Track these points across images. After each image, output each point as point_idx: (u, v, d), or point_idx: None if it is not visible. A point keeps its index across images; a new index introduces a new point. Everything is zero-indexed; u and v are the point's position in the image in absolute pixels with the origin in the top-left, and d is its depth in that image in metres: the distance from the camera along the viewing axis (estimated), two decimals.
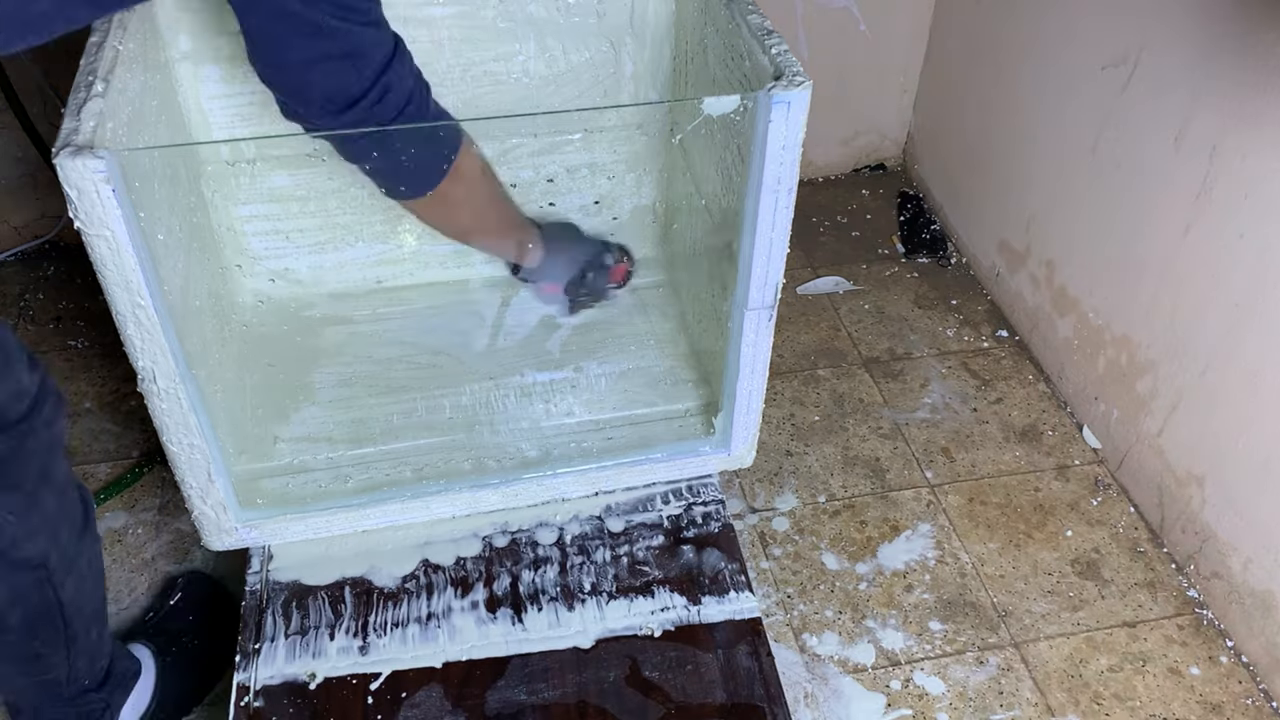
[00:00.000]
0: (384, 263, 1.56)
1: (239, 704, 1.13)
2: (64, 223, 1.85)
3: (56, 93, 1.72)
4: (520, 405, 1.42)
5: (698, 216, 1.41)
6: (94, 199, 0.92)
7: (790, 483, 1.55)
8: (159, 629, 1.29)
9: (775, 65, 1.05)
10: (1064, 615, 1.40)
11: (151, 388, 1.07)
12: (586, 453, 1.36)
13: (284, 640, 1.19)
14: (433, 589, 1.25)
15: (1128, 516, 1.53)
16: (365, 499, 1.27)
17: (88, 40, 1.03)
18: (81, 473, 1.53)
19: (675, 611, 1.24)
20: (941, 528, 1.50)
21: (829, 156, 2.16)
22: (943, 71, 1.99)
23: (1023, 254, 1.78)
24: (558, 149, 1.52)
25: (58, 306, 1.81)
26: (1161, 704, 1.30)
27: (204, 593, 1.36)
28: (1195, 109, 1.34)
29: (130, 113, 1.05)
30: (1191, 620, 1.40)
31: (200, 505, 1.19)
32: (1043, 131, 1.67)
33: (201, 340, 1.24)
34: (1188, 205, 1.37)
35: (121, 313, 1.00)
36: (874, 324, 1.84)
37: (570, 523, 1.33)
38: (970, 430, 1.65)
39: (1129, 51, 1.45)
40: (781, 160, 1.07)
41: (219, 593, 1.37)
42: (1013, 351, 1.79)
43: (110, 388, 1.67)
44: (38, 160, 1.80)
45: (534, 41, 1.42)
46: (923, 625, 1.38)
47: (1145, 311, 1.48)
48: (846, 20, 1.96)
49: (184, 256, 1.20)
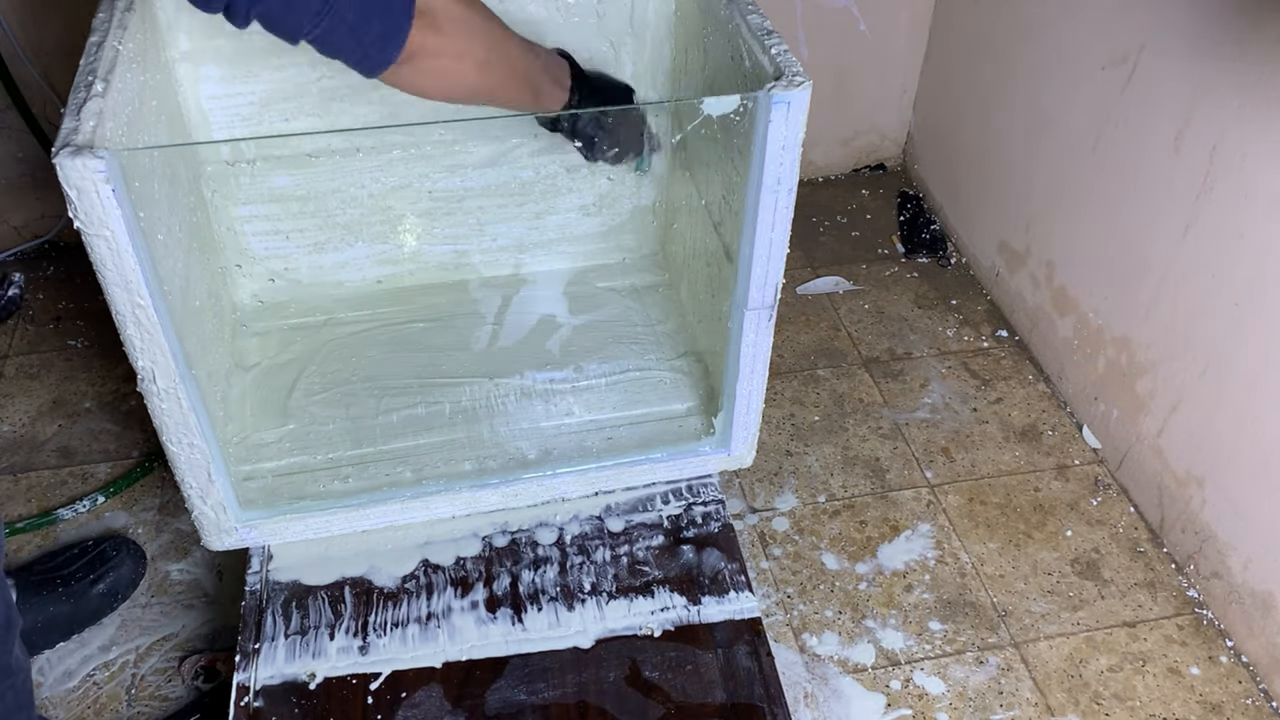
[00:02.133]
0: (384, 263, 1.56)
1: (239, 704, 1.13)
2: (64, 223, 1.85)
3: (56, 93, 1.72)
4: (520, 405, 1.42)
5: (698, 216, 1.41)
6: (94, 199, 0.92)
7: (790, 483, 1.55)
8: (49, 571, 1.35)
9: (775, 65, 1.05)
10: (1064, 615, 1.40)
11: (151, 388, 1.07)
12: (586, 453, 1.36)
13: (284, 640, 1.19)
14: (433, 589, 1.25)
15: (1127, 516, 1.53)
16: (365, 499, 1.27)
17: (88, 40, 1.03)
18: (82, 472, 1.53)
19: (675, 611, 1.24)
20: (941, 528, 1.50)
21: (829, 156, 2.16)
22: (943, 71, 1.99)
23: (1023, 254, 1.78)
24: (558, 149, 1.52)
25: (58, 306, 1.81)
26: (1161, 704, 1.30)
27: (118, 552, 1.40)
28: (1195, 109, 1.34)
29: (130, 113, 1.05)
30: (1191, 620, 1.40)
31: (200, 505, 1.19)
32: (1043, 131, 1.67)
33: (201, 340, 1.24)
34: (1188, 205, 1.37)
35: (121, 313, 1.00)
36: (874, 324, 1.84)
37: (570, 523, 1.33)
38: (970, 430, 1.65)
39: (1129, 51, 1.45)
40: (781, 160, 1.07)
41: (132, 550, 1.42)
42: (1013, 351, 1.79)
43: (110, 388, 1.67)
44: (38, 160, 1.80)
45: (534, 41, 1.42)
46: (923, 625, 1.38)
47: (1145, 311, 1.48)
48: (846, 20, 1.96)
49: (184, 256, 1.20)
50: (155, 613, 1.36)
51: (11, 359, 1.70)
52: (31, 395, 1.64)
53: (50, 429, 1.60)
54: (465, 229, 1.57)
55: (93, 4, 1.10)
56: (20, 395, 1.64)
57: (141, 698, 1.27)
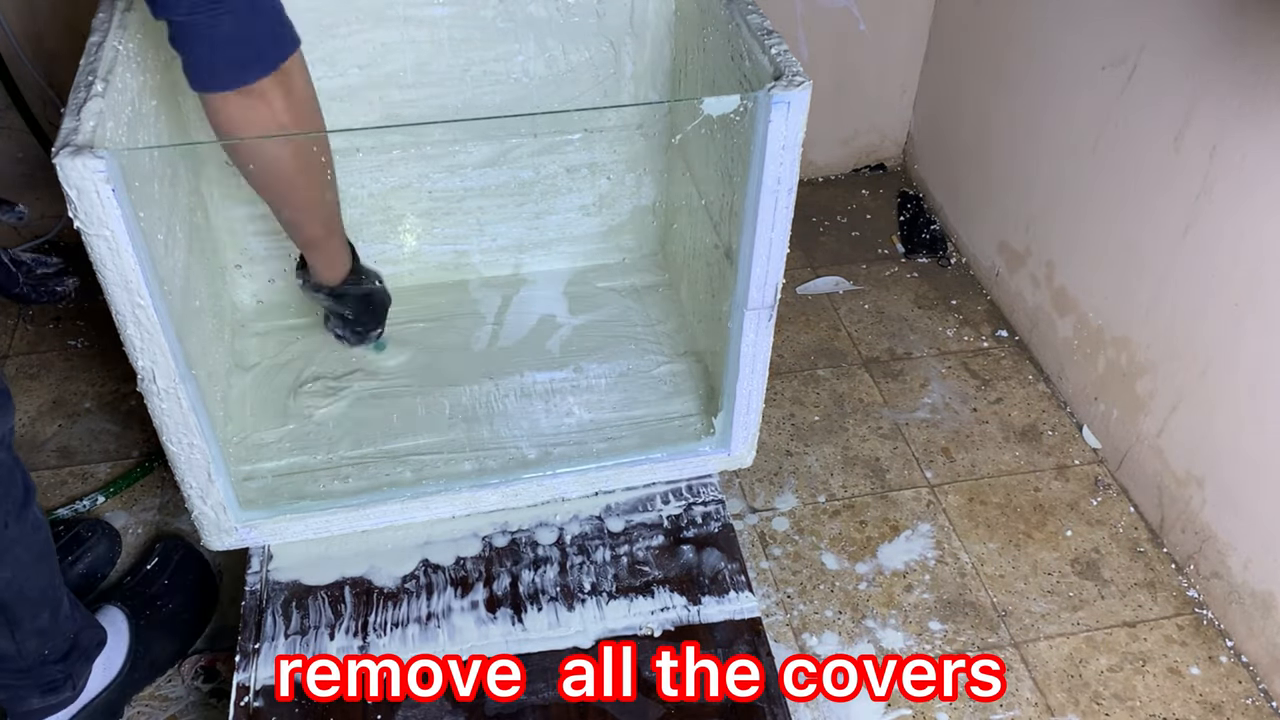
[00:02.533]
0: (384, 263, 1.56)
1: (239, 704, 1.13)
2: (64, 223, 1.85)
3: (56, 93, 1.72)
4: (520, 405, 1.42)
5: (698, 216, 1.41)
6: (94, 199, 0.92)
7: (790, 483, 1.55)
8: (134, 592, 1.30)
9: (775, 65, 1.05)
10: (1064, 615, 1.40)
11: (151, 388, 1.07)
12: (586, 453, 1.36)
13: (284, 640, 1.19)
14: (433, 589, 1.25)
15: (1127, 516, 1.53)
16: (365, 499, 1.27)
17: (88, 40, 1.03)
18: (82, 472, 1.53)
19: (675, 611, 1.24)
20: (941, 528, 1.50)
21: (829, 156, 2.16)
22: (943, 71, 1.99)
23: (1023, 254, 1.78)
24: (558, 149, 1.52)
25: (58, 306, 1.81)
26: (1161, 704, 1.30)
27: (181, 557, 1.37)
28: (1195, 109, 1.34)
29: (130, 113, 1.05)
30: (1191, 620, 1.40)
31: (200, 505, 1.19)
32: (1043, 131, 1.67)
33: (201, 340, 1.24)
34: (1188, 205, 1.37)
35: (121, 313, 1.00)
36: (874, 324, 1.84)
37: (570, 523, 1.33)
38: (970, 430, 1.65)
39: (1129, 51, 1.45)
40: (781, 160, 1.07)
41: (196, 557, 1.38)
42: (1012, 351, 1.79)
43: (110, 388, 1.67)
44: (38, 160, 1.80)
45: (534, 41, 1.42)
46: (922, 625, 1.38)
47: (1145, 311, 1.48)
48: (846, 20, 1.96)
49: (184, 256, 1.20)
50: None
51: (11, 359, 1.70)
52: (31, 395, 1.64)
53: (50, 429, 1.60)
54: (465, 229, 1.57)
55: (93, 4, 1.10)
56: (20, 395, 1.64)
57: (141, 698, 1.27)
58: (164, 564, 1.35)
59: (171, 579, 1.33)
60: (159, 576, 1.33)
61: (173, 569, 1.34)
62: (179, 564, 1.35)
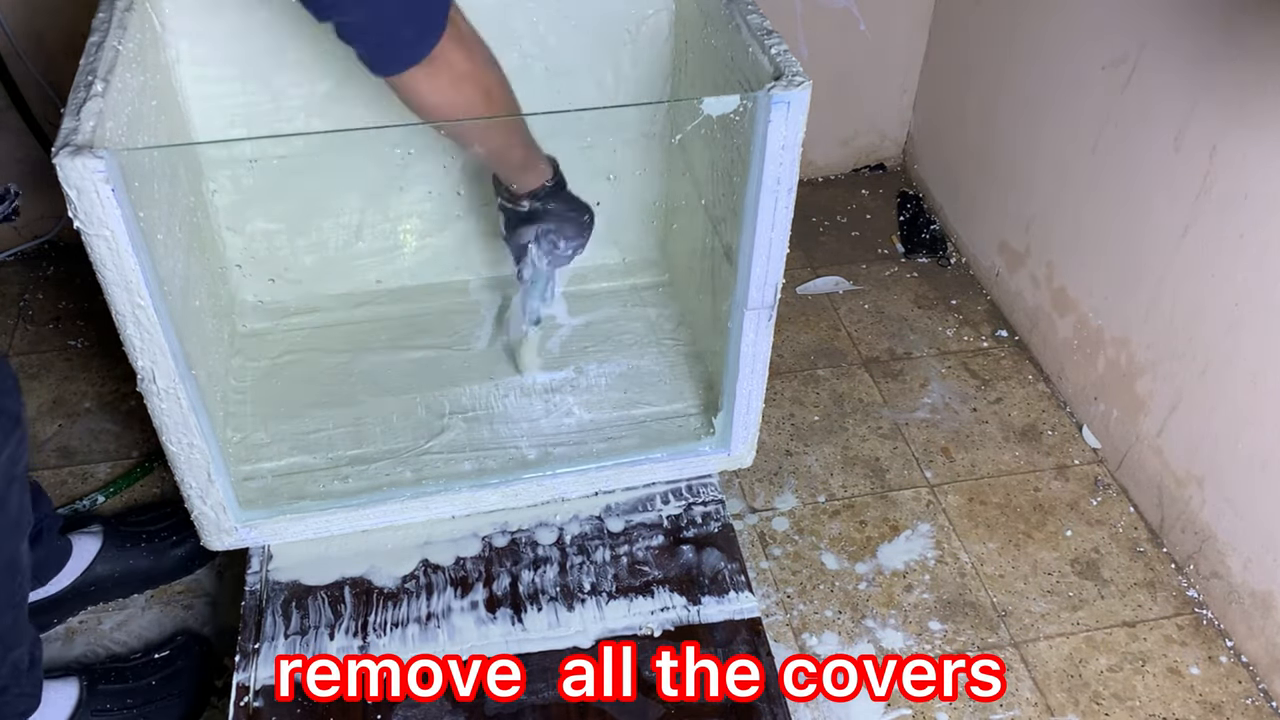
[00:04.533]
0: (384, 263, 1.57)
1: (239, 704, 1.13)
2: (64, 223, 1.85)
3: (56, 93, 1.72)
4: (520, 405, 1.42)
5: (698, 216, 1.41)
6: (94, 199, 0.92)
7: (790, 483, 1.55)
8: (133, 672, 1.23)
9: (775, 65, 1.05)
10: (1064, 615, 1.40)
11: (151, 388, 1.07)
12: (586, 453, 1.36)
13: (284, 640, 1.19)
14: (432, 589, 1.25)
15: (1127, 516, 1.53)
16: (365, 499, 1.28)
17: (88, 40, 1.03)
18: (82, 472, 1.53)
19: (675, 611, 1.24)
20: (941, 528, 1.50)
21: (829, 156, 2.16)
22: (943, 71, 1.99)
23: (1023, 254, 1.78)
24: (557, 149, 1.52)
25: (58, 306, 1.81)
26: (1161, 704, 1.31)
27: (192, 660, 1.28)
28: (1195, 109, 1.34)
29: (130, 113, 1.05)
30: (1191, 620, 1.40)
31: (200, 505, 1.19)
32: (1043, 131, 1.67)
33: (201, 340, 1.24)
34: (1188, 205, 1.37)
35: (121, 313, 1.01)
36: (874, 324, 1.84)
37: (570, 523, 1.33)
38: (970, 430, 1.65)
39: (1129, 51, 1.45)
40: (781, 160, 1.07)
41: (206, 664, 1.29)
42: (1012, 351, 1.79)
43: (110, 388, 1.67)
44: (38, 160, 1.80)
45: (534, 41, 1.42)
46: (922, 625, 1.38)
47: (1145, 311, 1.48)
48: (846, 20, 1.96)
49: (184, 256, 1.20)
50: (155, 613, 1.36)
51: (11, 359, 1.70)
52: (31, 395, 1.64)
53: (50, 429, 1.60)
54: (466, 229, 1.57)
55: (93, 4, 1.10)
56: None
57: None
58: (171, 659, 1.26)
59: (171, 679, 1.24)
60: (161, 668, 1.25)
61: (176, 670, 1.25)
62: (184, 668, 1.26)
